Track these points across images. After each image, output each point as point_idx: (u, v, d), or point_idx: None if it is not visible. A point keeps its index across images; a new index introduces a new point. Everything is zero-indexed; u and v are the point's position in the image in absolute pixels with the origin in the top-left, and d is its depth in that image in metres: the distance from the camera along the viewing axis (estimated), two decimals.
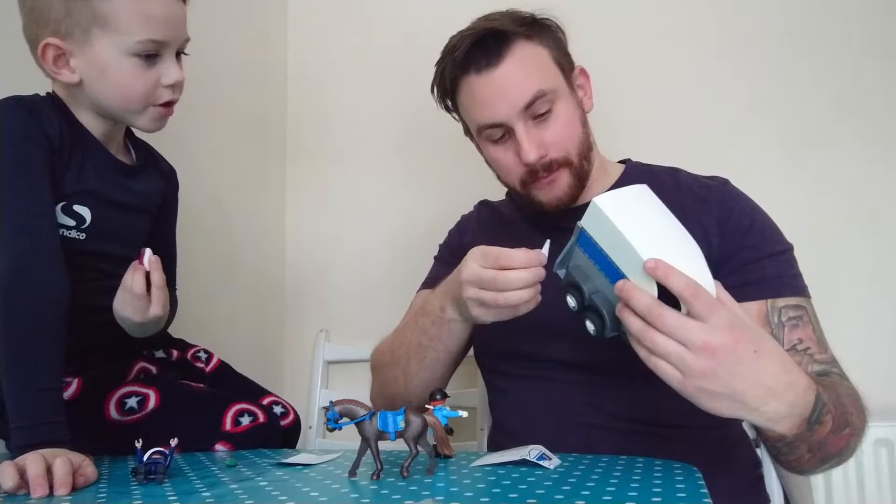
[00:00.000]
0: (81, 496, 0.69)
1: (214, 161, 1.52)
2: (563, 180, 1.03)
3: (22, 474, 0.70)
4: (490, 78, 1.00)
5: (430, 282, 1.21)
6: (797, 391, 0.75)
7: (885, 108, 1.50)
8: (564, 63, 1.05)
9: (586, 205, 0.80)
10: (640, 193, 0.80)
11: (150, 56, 0.90)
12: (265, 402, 1.05)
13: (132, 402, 0.94)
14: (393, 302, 1.67)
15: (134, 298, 0.91)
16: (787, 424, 0.76)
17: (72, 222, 0.89)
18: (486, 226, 1.19)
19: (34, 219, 0.84)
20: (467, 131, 1.11)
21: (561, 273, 0.83)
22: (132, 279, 0.91)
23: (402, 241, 1.68)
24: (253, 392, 1.07)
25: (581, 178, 1.04)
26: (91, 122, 0.93)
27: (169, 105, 0.94)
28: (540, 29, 1.04)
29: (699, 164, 1.11)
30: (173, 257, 1.08)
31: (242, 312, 1.55)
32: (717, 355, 0.69)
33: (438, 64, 1.07)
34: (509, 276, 0.84)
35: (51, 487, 0.69)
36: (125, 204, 0.96)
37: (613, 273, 0.75)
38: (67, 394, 0.89)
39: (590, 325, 0.79)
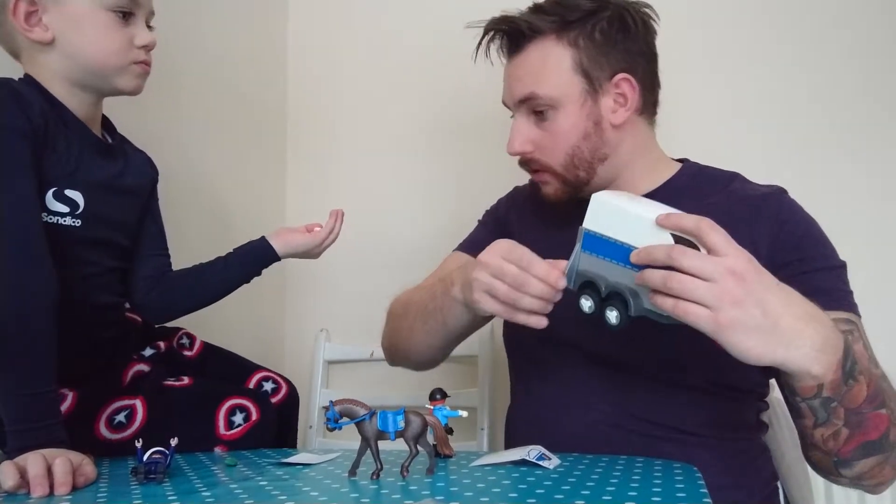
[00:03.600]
0: (81, 496, 0.69)
1: (214, 160, 1.52)
2: (551, 184, 1.03)
3: (22, 474, 0.70)
4: (508, 65, 1.04)
5: (468, 244, 1.19)
6: (825, 322, 0.74)
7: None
8: (594, 69, 0.98)
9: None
10: (635, 195, 0.85)
11: (125, 14, 0.90)
12: (254, 380, 1.04)
13: (121, 416, 0.92)
14: None
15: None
16: (824, 363, 0.74)
17: (65, 208, 0.88)
18: (532, 204, 1.15)
19: (19, 218, 0.81)
20: None
21: (571, 284, 0.83)
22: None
23: (403, 241, 1.68)
24: (240, 371, 1.07)
25: (571, 186, 1.02)
26: (70, 100, 0.91)
27: (145, 65, 0.94)
28: (581, 26, 0.98)
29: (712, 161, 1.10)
30: (158, 246, 1.08)
31: (242, 312, 1.55)
32: (745, 280, 0.69)
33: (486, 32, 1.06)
34: (529, 280, 0.82)
35: (51, 487, 0.69)
36: (116, 186, 0.95)
37: (625, 253, 0.77)
38: (62, 408, 0.87)
39: (611, 315, 0.79)
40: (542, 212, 1.10)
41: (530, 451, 0.77)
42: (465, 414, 0.78)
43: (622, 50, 0.99)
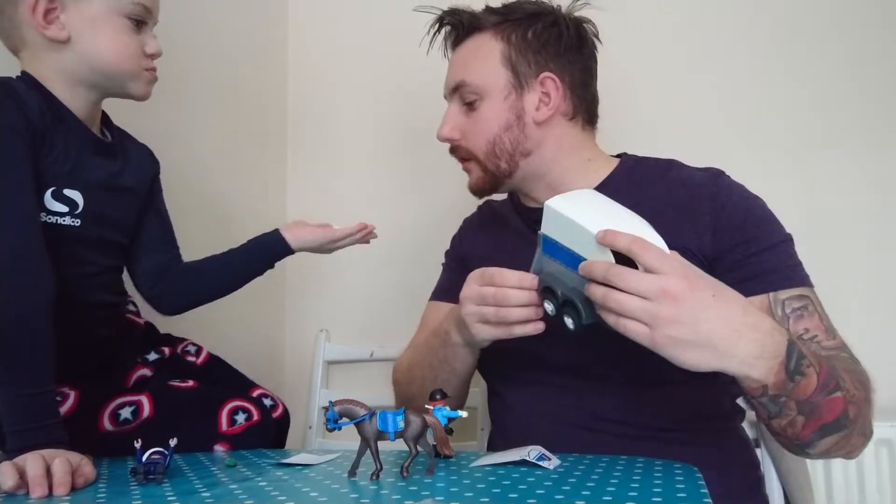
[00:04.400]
0: (81, 496, 0.69)
1: (214, 160, 1.52)
2: (474, 172, 1.09)
3: (21, 474, 0.69)
4: (452, 56, 1.11)
5: (440, 292, 1.23)
6: (763, 330, 0.75)
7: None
8: (521, 65, 1.04)
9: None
10: (591, 194, 0.88)
11: (139, 22, 0.92)
12: (255, 394, 1.05)
13: (126, 412, 0.92)
14: (393, 302, 1.68)
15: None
16: (763, 368, 0.75)
17: (64, 208, 0.88)
18: (486, 228, 1.20)
19: (15, 218, 0.81)
20: None
21: (537, 275, 0.86)
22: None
23: (403, 241, 1.67)
24: (242, 384, 1.07)
25: (493, 176, 1.07)
26: (70, 99, 0.91)
27: (153, 72, 0.96)
28: (517, 25, 1.05)
29: (696, 160, 1.10)
30: (166, 238, 1.09)
31: (242, 312, 1.55)
32: (678, 300, 0.71)
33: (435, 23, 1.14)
34: (507, 293, 0.87)
35: (50, 487, 0.69)
36: (115, 185, 0.95)
37: (576, 262, 0.79)
38: (65, 408, 0.87)
39: (567, 321, 0.82)
40: (496, 230, 1.16)
41: (530, 452, 0.77)
42: (465, 414, 0.78)
43: (553, 53, 1.05)
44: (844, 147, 1.51)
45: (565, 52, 1.05)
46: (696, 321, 0.72)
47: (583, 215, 0.79)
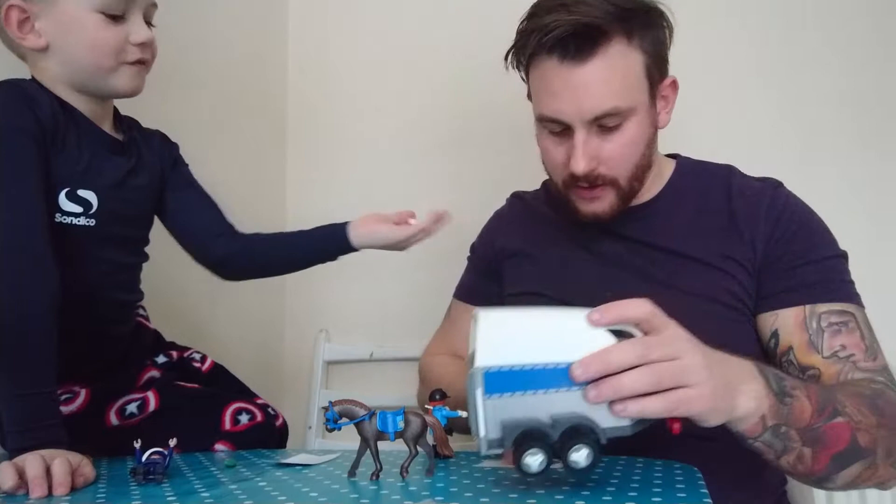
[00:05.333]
0: (80, 496, 0.69)
1: (213, 159, 1.52)
2: (607, 199, 0.97)
3: (21, 474, 0.69)
4: (570, 74, 0.90)
5: (464, 290, 1.21)
6: (732, 361, 0.70)
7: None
8: (656, 72, 0.95)
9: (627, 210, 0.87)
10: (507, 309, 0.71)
11: (116, 17, 0.88)
12: (258, 401, 1.05)
13: (132, 407, 0.93)
14: (393, 302, 1.68)
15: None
16: (752, 394, 0.69)
17: (79, 209, 0.87)
18: (520, 221, 1.16)
19: (20, 218, 0.81)
20: (531, 96, 1.02)
21: (494, 447, 0.63)
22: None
23: None
24: (246, 393, 1.07)
25: (626, 199, 0.99)
26: (77, 101, 0.90)
27: (141, 63, 0.92)
28: (645, 23, 0.93)
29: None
30: (214, 204, 1.07)
31: (242, 312, 1.55)
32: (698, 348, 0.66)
33: (522, 32, 0.96)
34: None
35: (50, 488, 0.69)
36: (129, 183, 0.94)
37: (561, 375, 0.61)
38: (75, 405, 0.88)
39: (578, 458, 0.60)
40: (529, 226, 1.11)
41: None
42: (464, 415, 0.78)
43: (663, 51, 0.98)
44: (844, 148, 1.51)
45: (668, 49, 0.99)
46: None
47: (533, 315, 0.65)
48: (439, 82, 1.65)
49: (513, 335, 0.62)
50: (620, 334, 0.64)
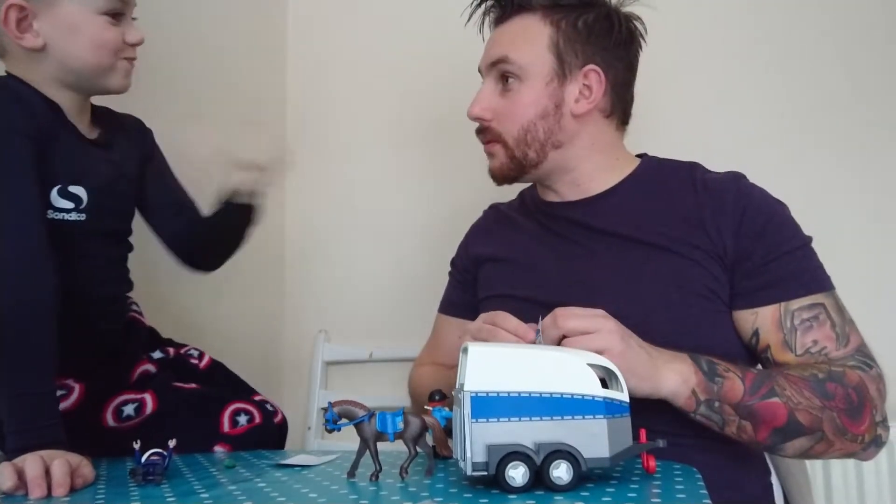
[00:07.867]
0: (80, 497, 0.69)
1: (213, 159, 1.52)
2: (499, 157, 1.06)
3: (20, 475, 0.70)
4: (492, 33, 1.08)
5: (447, 305, 1.23)
6: (666, 353, 0.84)
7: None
8: (567, 53, 1.02)
9: (586, 200, 0.95)
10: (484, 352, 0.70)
11: (117, 14, 0.91)
12: (256, 399, 1.05)
13: (129, 409, 0.93)
14: (393, 302, 1.68)
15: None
16: (680, 374, 0.82)
17: (70, 205, 0.89)
18: (495, 230, 1.18)
19: (20, 218, 0.82)
20: None
21: (479, 469, 0.65)
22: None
23: (403, 241, 1.67)
24: (244, 390, 1.07)
25: (519, 164, 1.04)
26: (63, 99, 0.91)
27: (130, 60, 0.95)
28: (573, 9, 1.02)
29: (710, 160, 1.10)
30: (186, 200, 1.09)
31: (241, 312, 1.55)
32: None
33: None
34: (501, 334, 0.84)
35: (49, 488, 0.69)
36: (114, 175, 0.96)
37: (539, 405, 0.65)
38: (70, 401, 0.88)
39: (560, 474, 0.63)
40: (505, 234, 1.14)
41: None
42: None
43: (600, 47, 1.03)
44: (844, 148, 1.51)
45: (614, 47, 1.03)
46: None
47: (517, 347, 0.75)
48: (442, 79, 1.64)
49: (499, 366, 0.67)
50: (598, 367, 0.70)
